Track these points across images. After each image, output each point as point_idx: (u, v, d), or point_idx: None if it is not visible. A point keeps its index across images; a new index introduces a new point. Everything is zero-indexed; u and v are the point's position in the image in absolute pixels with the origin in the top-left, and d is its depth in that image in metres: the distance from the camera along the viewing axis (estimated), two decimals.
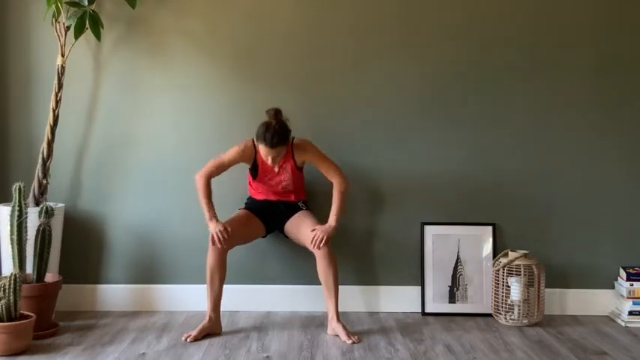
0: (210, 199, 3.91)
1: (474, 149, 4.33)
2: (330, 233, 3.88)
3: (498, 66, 4.31)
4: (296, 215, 4.05)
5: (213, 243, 3.84)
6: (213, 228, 3.85)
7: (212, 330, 3.86)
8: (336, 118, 4.30)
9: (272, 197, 4.05)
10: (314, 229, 3.89)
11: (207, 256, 3.88)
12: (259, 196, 4.07)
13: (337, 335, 3.84)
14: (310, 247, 3.90)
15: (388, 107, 4.31)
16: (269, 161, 3.82)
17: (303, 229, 3.96)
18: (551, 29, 4.29)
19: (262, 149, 3.78)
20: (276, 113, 3.79)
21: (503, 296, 4.16)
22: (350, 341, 3.75)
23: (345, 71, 4.30)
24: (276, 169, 3.92)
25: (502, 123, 4.33)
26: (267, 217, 4.06)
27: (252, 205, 4.09)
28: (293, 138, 3.91)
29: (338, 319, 3.87)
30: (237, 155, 3.92)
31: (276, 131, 3.74)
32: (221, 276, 3.89)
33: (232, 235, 3.88)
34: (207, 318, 3.86)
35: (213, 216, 3.89)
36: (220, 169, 3.93)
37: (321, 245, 3.84)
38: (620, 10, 4.29)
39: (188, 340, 3.74)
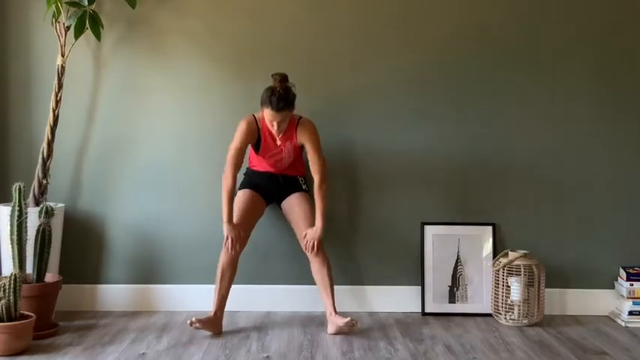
0: (231, 201, 3.89)
1: (474, 149, 4.34)
2: (320, 236, 3.92)
3: (498, 65, 4.31)
4: (294, 196, 4.05)
5: (226, 245, 3.88)
6: (228, 231, 3.87)
7: (214, 327, 3.86)
8: (336, 118, 4.31)
9: (272, 170, 4.06)
10: (305, 235, 3.94)
11: (221, 255, 3.91)
12: (259, 168, 4.08)
13: (338, 332, 3.86)
14: (303, 248, 3.98)
15: (389, 107, 4.32)
16: (274, 127, 3.82)
17: (298, 220, 4.00)
18: (552, 26, 4.29)
19: (267, 114, 3.78)
20: (282, 79, 3.79)
21: (503, 296, 4.15)
22: (349, 318, 3.79)
23: (345, 71, 4.30)
24: (279, 142, 3.92)
25: (502, 123, 4.33)
26: (266, 190, 4.07)
27: (251, 179, 4.08)
28: (300, 117, 3.94)
29: (337, 314, 3.89)
30: (244, 135, 3.90)
31: (281, 95, 3.74)
32: (230, 276, 3.93)
33: (243, 234, 3.92)
34: (212, 314, 3.88)
35: (231, 219, 3.88)
36: (239, 156, 3.90)
37: (314, 251, 3.91)
38: (621, 8, 4.30)
39: (193, 322, 3.74)
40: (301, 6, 4.28)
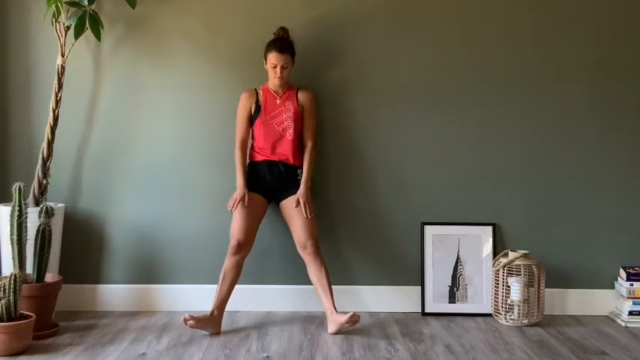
0: (243, 166, 4.06)
1: (474, 149, 4.34)
2: (309, 198, 4.03)
3: (499, 66, 4.31)
4: (293, 198, 4.03)
5: (233, 206, 3.97)
6: (238, 193, 3.98)
7: (211, 326, 3.86)
8: (336, 118, 4.30)
9: (273, 157, 4.07)
10: (297, 206, 3.99)
11: (226, 258, 3.94)
12: (260, 157, 4.09)
13: (340, 330, 3.86)
14: (300, 252, 4.00)
15: (389, 108, 4.32)
16: (277, 71, 3.98)
17: (296, 227, 4.00)
18: (553, 30, 4.29)
19: (271, 57, 4.00)
20: (284, 29, 4.08)
21: (503, 296, 4.16)
22: (351, 312, 3.81)
23: (345, 71, 4.29)
24: (279, 101, 4.00)
25: (502, 123, 4.33)
26: (267, 185, 4.07)
27: (252, 176, 4.08)
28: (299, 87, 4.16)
29: (337, 313, 3.89)
30: (244, 102, 4.09)
31: (284, 40, 4.04)
32: (232, 279, 3.94)
33: (248, 236, 3.95)
34: (209, 313, 3.88)
35: (242, 183, 4.02)
36: (244, 127, 4.10)
37: (309, 214, 3.99)
38: (622, 11, 4.30)
39: (187, 319, 3.75)
40: (301, 6, 4.28)
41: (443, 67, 4.31)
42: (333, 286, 3.98)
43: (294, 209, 4.01)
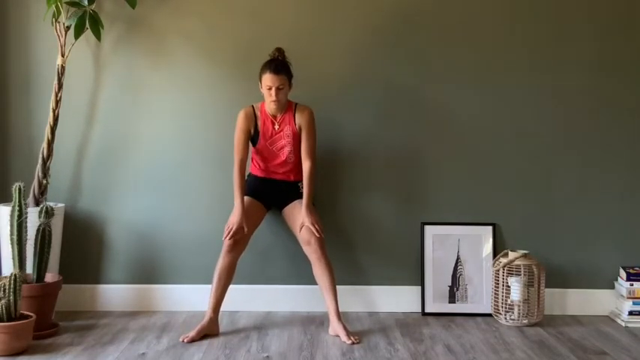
0: (241, 189, 3.92)
1: (474, 149, 4.34)
2: (315, 219, 3.92)
3: (497, 64, 4.31)
4: (296, 205, 4.03)
5: (227, 235, 3.87)
6: (233, 220, 3.87)
7: (210, 330, 3.85)
8: (337, 119, 4.31)
9: (274, 176, 4.07)
10: (302, 227, 3.92)
11: (219, 258, 3.90)
12: (261, 173, 4.09)
13: (338, 335, 3.84)
14: (305, 250, 3.96)
15: (389, 107, 4.32)
16: (272, 94, 3.86)
17: (298, 227, 3.98)
18: (552, 27, 4.30)
19: (266, 79, 3.87)
20: (280, 49, 3.97)
21: (503, 296, 4.16)
22: (349, 341, 3.75)
23: (346, 72, 4.30)
24: (277, 126, 3.94)
25: (502, 122, 4.33)
26: (267, 195, 4.08)
27: (252, 185, 4.07)
28: (297, 104, 4.00)
29: (339, 319, 3.87)
30: (242, 121, 3.97)
31: (279, 61, 3.91)
32: (227, 280, 3.92)
33: (243, 239, 3.92)
34: (206, 318, 3.86)
35: (239, 207, 3.89)
36: (243, 146, 3.96)
37: (319, 233, 3.88)
38: (622, 11, 4.30)
39: (185, 341, 3.74)
40: (301, 5, 4.28)
41: (440, 67, 4.30)
42: None
43: (296, 211, 4.00)
